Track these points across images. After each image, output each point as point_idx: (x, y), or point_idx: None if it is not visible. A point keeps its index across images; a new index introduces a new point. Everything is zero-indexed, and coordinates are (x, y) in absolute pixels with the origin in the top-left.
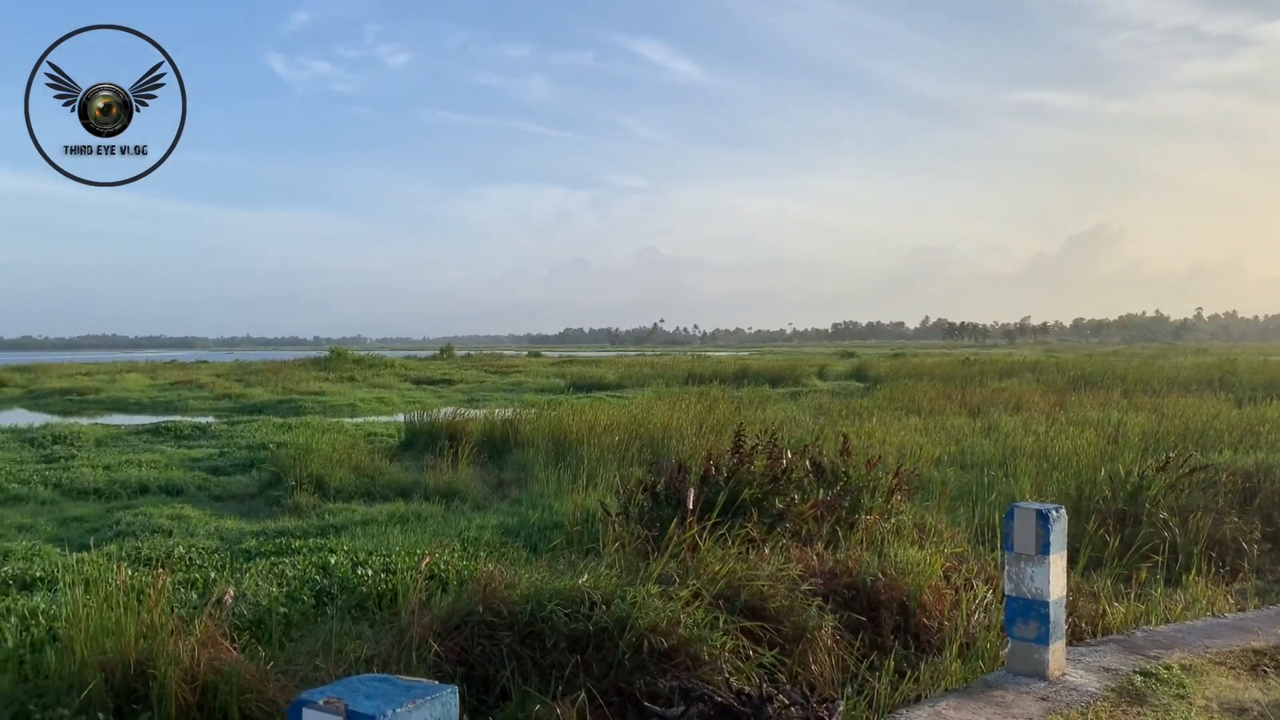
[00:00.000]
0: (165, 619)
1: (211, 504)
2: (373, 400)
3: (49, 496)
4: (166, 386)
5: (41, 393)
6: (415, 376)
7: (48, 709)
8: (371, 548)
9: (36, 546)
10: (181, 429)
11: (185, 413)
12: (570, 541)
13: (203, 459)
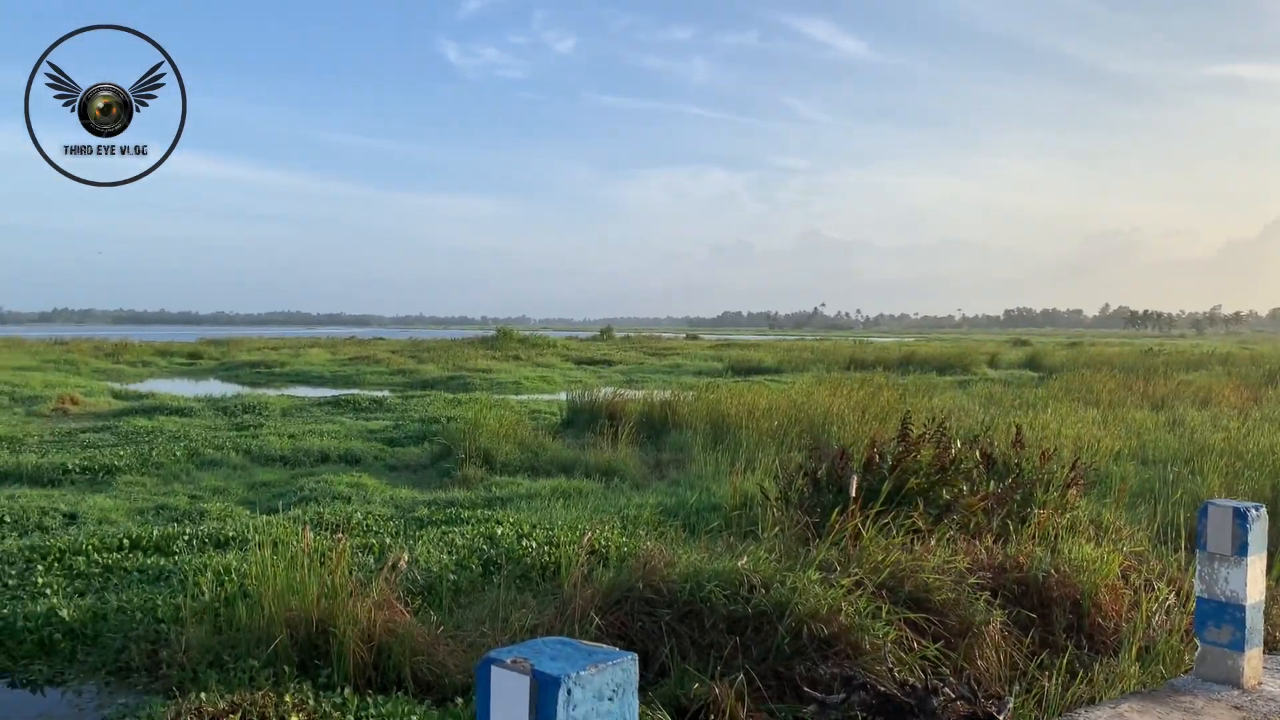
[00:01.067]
0: (345, 581)
1: (387, 473)
2: (536, 378)
3: (240, 462)
4: (346, 361)
5: (233, 365)
6: (576, 356)
7: (239, 659)
8: (535, 521)
9: (229, 508)
10: (359, 402)
11: (363, 386)
12: (728, 524)
13: (379, 430)
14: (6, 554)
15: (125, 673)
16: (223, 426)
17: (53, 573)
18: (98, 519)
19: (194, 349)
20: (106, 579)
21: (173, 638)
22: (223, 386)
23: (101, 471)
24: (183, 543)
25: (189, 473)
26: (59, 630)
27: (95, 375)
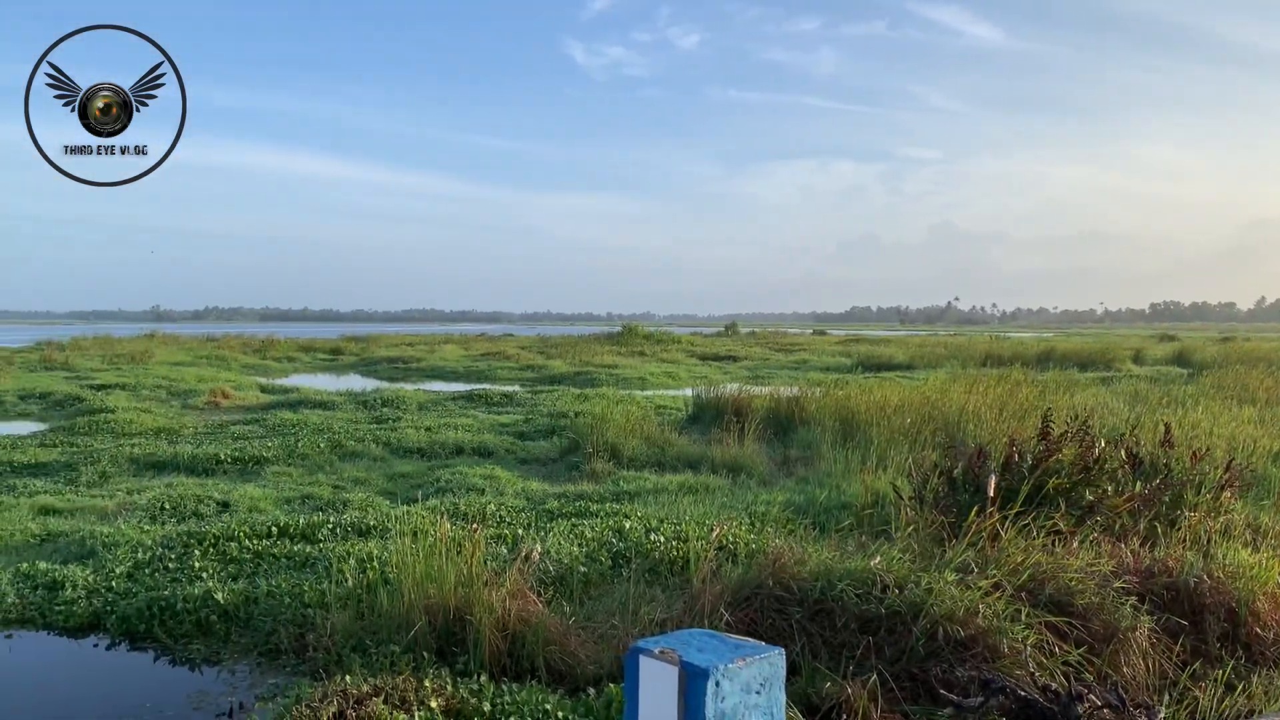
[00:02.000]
0: (480, 570)
1: (518, 466)
2: (661, 374)
3: (379, 454)
4: (478, 357)
5: (372, 360)
6: (701, 352)
7: (381, 644)
8: (663, 515)
9: (370, 498)
10: (491, 396)
11: (494, 381)
12: (859, 523)
13: (510, 424)
14: (167, 539)
15: (275, 654)
16: (363, 420)
17: (208, 558)
18: (248, 507)
19: (335, 345)
20: (257, 564)
21: (318, 622)
22: (362, 381)
23: (251, 462)
24: (327, 531)
25: (332, 464)
26: (214, 612)
27: (244, 370)
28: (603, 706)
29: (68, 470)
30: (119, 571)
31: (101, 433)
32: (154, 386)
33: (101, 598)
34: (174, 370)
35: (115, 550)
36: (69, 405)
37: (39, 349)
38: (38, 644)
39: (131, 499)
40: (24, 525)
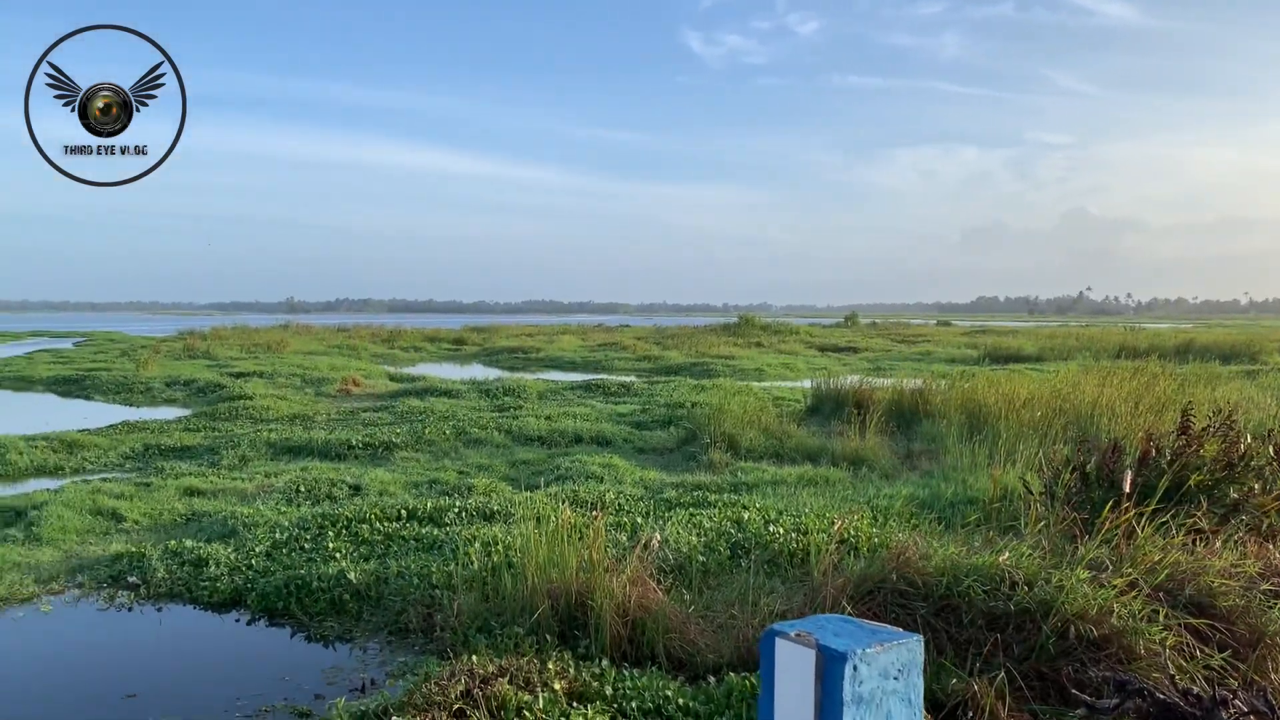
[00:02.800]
0: (601, 557)
1: (635, 455)
2: (779, 365)
3: (502, 441)
4: (595, 347)
5: (494, 350)
6: (820, 343)
7: (505, 626)
8: (782, 507)
9: (493, 484)
10: (608, 386)
11: (611, 371)
12: (987, 518)
13: (627, 414)
14: (302, 520)
15: (404, 633)
16: (486, 408)
17: (341, 538)
18: (378, 491)
19: (459, 335)
20: (387, 546)
21: (445, 603)
22: (485, 370)
23: (381, 447)
24: (453, 515)
25: (457, 450)
26: (347, 591)
27: (373, 359)
28: (723, 695)
29: (210, 453)
30: (258, 550)
31: (241, 418)
32: (289, 374)
33: (242, 575)
34: (307, 359)
35: (255, 530)
36: (210, 392)
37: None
38: (184, 617)
39: (269, 481)
40: (172, 505)
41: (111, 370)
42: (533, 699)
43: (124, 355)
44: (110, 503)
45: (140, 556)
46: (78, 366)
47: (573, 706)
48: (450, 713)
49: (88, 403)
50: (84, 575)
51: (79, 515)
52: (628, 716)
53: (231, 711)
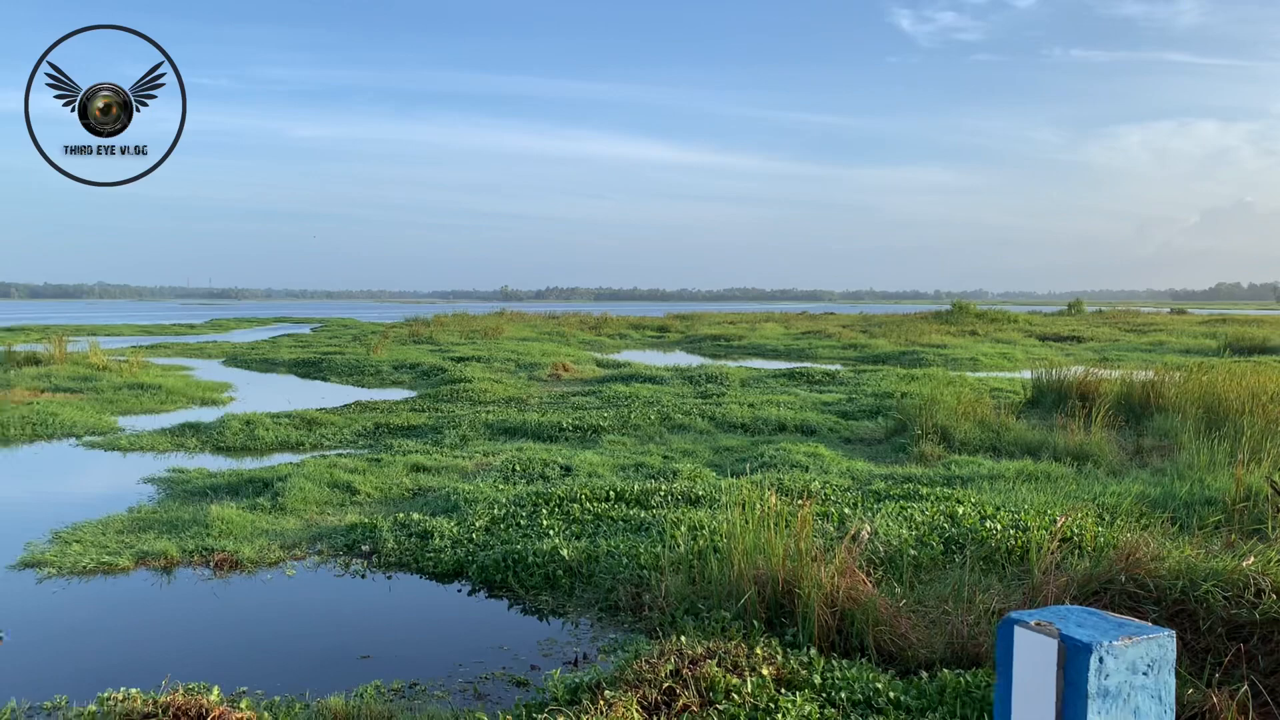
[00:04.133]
0: (809, 546)
1: (841, 445)
2: (995, 355)
3: (705, 427)
4: (798, 335)
5: (696, 338)
6: (1040, 332)
7: (712, 609)
8: (999, 502)
9: (698, 469)
10: (813, 374)
11: (815, 360)
12: (1228, 520)
13: (832, 403)
14: (518, 498)
15: (614, 611)
16: (689, 394)
17: (554, 516)
18: (588, 472)
19: (662, 323)
20: (597, 525)
21: (653, 584)
22: (688, 357)
23: (589, 430)
24: (659, 498)
25: (661, 435)
26: (560, 567)
27: (581, 345)
28: (935, 691)
29: (434, 432)
30: (478, 525)
31: (461, 400)
32: (504, 359)
33: (464, 548)
34: (520, 345)
35: (474, 506)
36: (433, 375)
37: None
38: (411, 586)
39: (487, 460)
40: (400, 480)
41: (345, 354)
42: (741, 682)
43: (356, 340)
44: (345, 476)
45: (372, 528)
46: (315, 350)
47: (780, 692)
48: (660, 690)
49: (324, 384)
50: (323, 543)
51: (318, 487)
52: (836, 706)
53: (454, 677)
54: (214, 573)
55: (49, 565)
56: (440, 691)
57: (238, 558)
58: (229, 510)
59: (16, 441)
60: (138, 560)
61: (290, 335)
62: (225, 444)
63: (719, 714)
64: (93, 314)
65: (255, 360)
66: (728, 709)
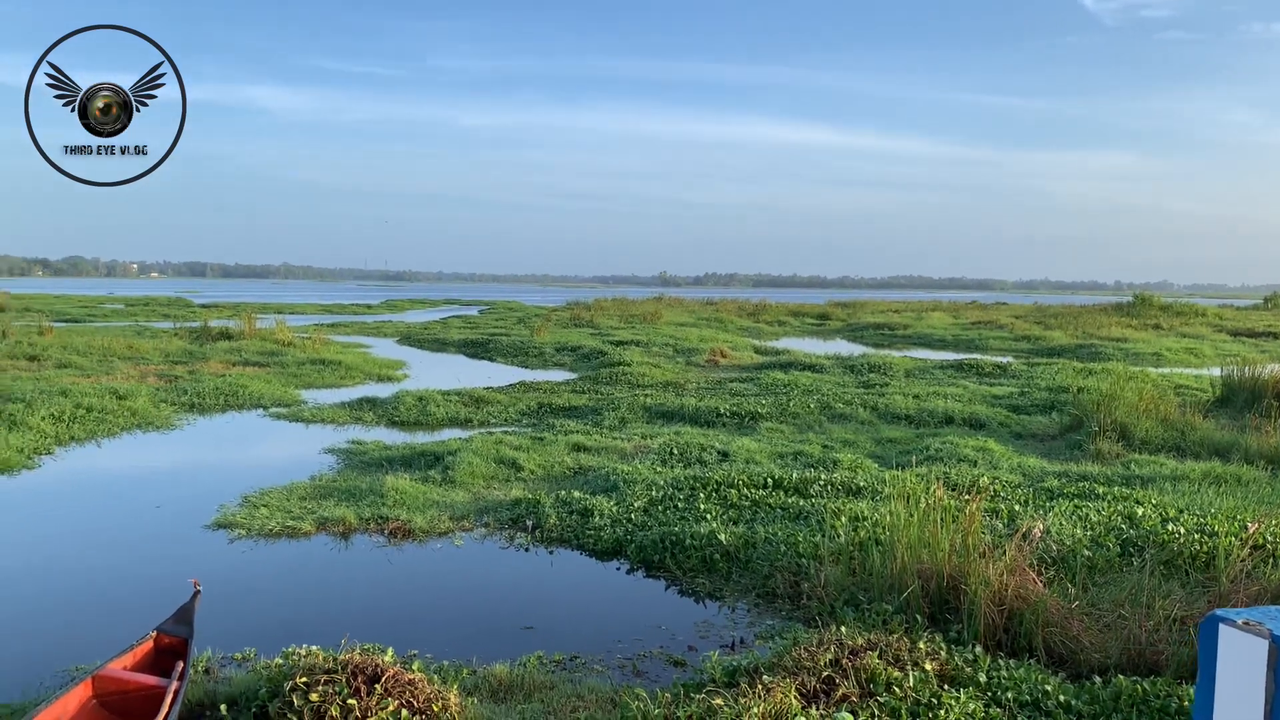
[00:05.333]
0: (977, 542)
1: (1012, 440)
2: (1180, 350)
3: (867, 418)
4: (968, 325)
5: (858, 326)
6: (1231, 327)
7: (873, 601)
8: (1183, 505)
9: (859, 460)
10: (982, 366)
11: (985, 351)
12: None
13: (1003, 396)
14: (675, 481)
15: (771, 597)
16: (850, 383)
17: (711, 501)
18: (745, 459)
19: (822, 310)
20: (754, 512)
21: (811, 573)
22: (849, 346)
23: (747, 417)
24: (818, 487)
25: (821, 424)
26: (717, 551)
27: (739, 332)
28: (1110, 697)
29: (594, 414)
30: (637, 506)
31: (620, 383)
32: (662, 344)
33: (623, 527)
34: (678, 330)
35: (633, 487)
36: (594, 358)
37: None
38: (572, 561)
39: (645, 443)
40: (561, 459)
41: (510, 336)
42: (902, 676)
43: (520, 323)
44: (510, 453)
45: (535, 503)
46: (482, 331)
47: (944, 689)
48: (819, 679)
49: (490, 364)
50: (489, 516)
51: (485, 462)
52: (1002, 706)
53: (613, 653)
54: (388, 540)
55: (239, 527)
56: (600, 666)
57: (410, 527)
58: (403, 481)
59: (211, 411)
60: (319, 525)
61: (459, 317)
62: (399, 419)
63: (879, 706)
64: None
65: (427, 340)
66: (888, 702)
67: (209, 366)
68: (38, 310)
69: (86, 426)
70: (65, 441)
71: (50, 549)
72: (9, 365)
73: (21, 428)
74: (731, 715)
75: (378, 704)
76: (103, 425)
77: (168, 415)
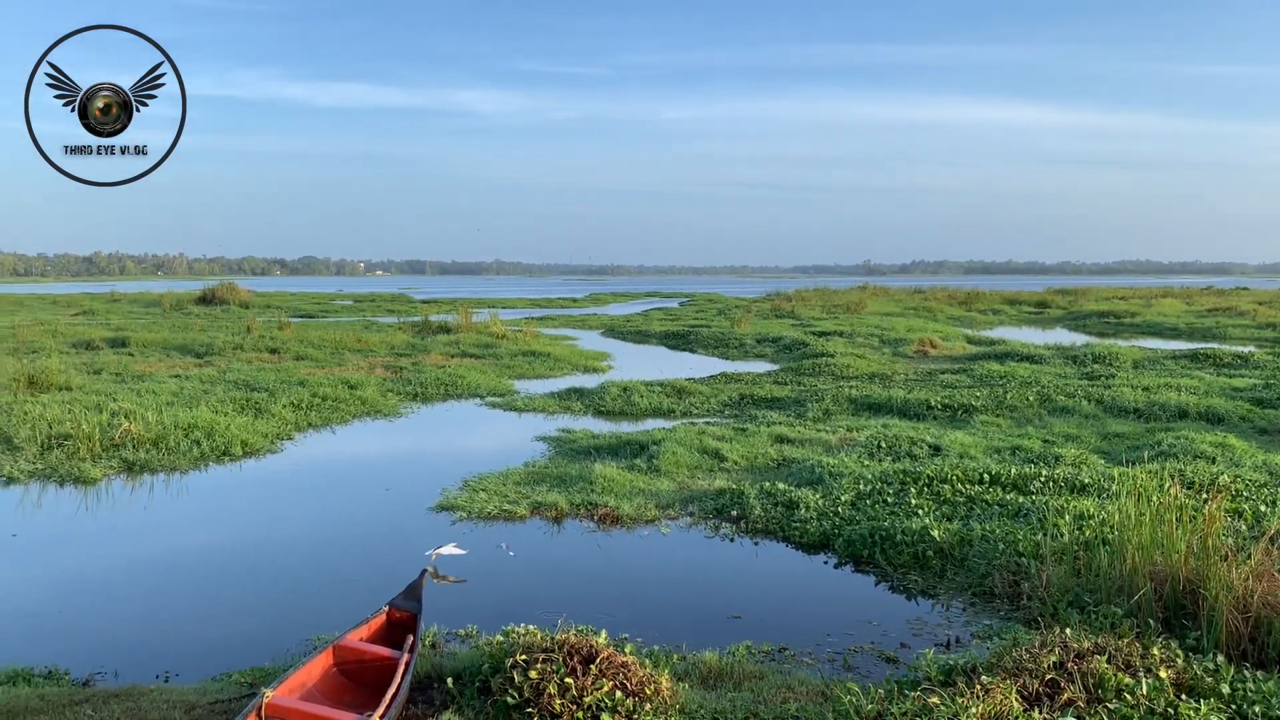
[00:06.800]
0: (1218, 544)
1: (1256, 436)
2: None
3: (1091, 411)
4: (1203, 313)
5: (1080, 314)
6: None
7: (1099, 604)
8: None
9: (1083, 455)
10: (1221, 356)
11: (1223, 340)
12: None
13: (1245, 389)
14: (885, 474)
15: (988, 596)
16: (1072, 375)
17: (923, 496)
18: (958, 453)
19: (1041, 298)
20: (970, 508)
21: (1032, 572)
22: (1070, 335)
23: (959, 410)
24: (1039, 483)
25: (1041, 417)
26: (930, 548)
27: (950, 321)
28: None
29: (796, 405)
30: (843, 499)
31: (823, 374)
32: (867, 334)
33: (829, 521)
34: (884, 320)
35: (840, 480)
36: (795, 349)
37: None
38: (777, 553)
39: (851, 435)
40: (765, 450)
41: (710, 327)
42: (1134, 683)
43: (720, 314)
44: (713, 444)
45: (740, 494)
46: (683, 323)
47: (1180, 698)
48: (1042, 682)
49: (691, 355)
50: (693, 505)
51: (689, 452)
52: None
53: (822, 646)
54: (597, 526)
55: (460, 509)
56: (809, 659)
57: (618, 513)
58: (610, 469)
59: (433, 400)
60: (532, 510)
61: (660, 309)
62: (605, 408)
63: (1108, 713)
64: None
65: (629, 332)
66: (1119, 709)
67: (430, 358)
68: (277, 307)
69: (322, 414)
70: (303, 428)
71: (292, 527)
72: (254, 358)
73: (266, 415)
74: (948, 714)
75: (593, 684)
76: (336, 413)
77: (394, 404)
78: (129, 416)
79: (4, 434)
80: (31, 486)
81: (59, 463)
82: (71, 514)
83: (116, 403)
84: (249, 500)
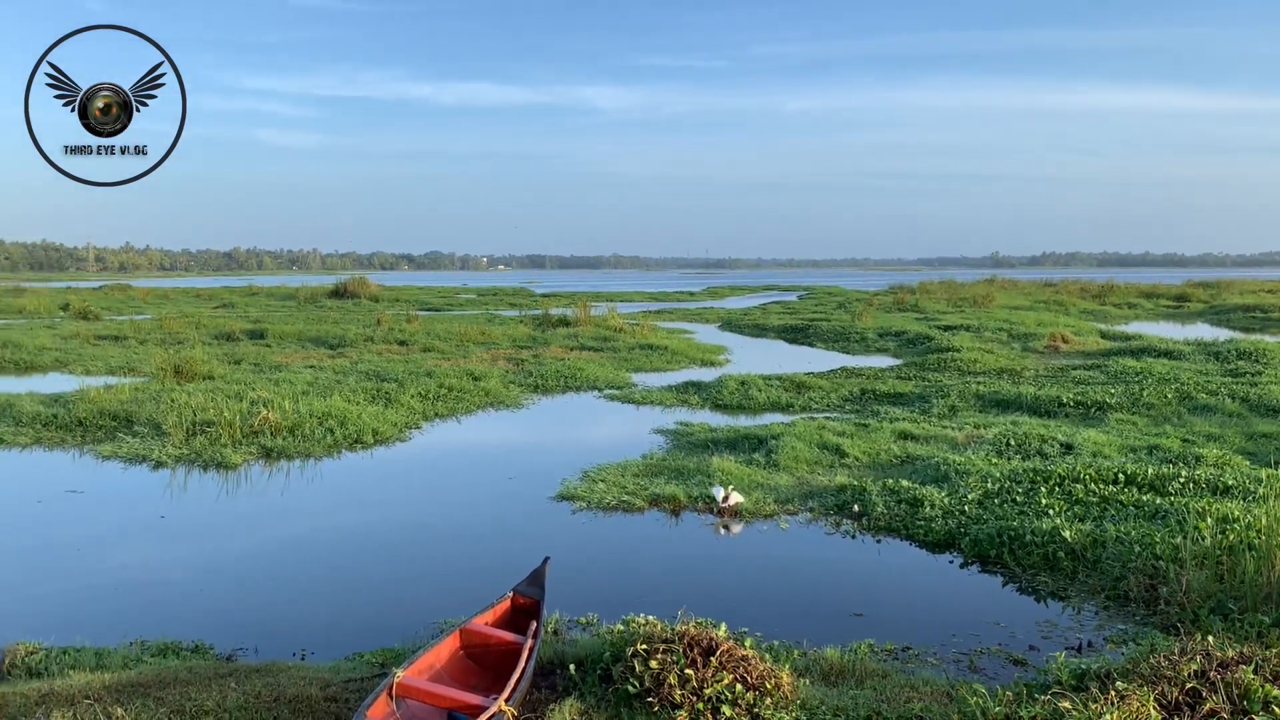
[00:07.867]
0: None
1: None
2: None
3: (1235, 409)
4: None
5: (1223, 308)
6: None
7: (1244, 611)
8: None
9: (1226, 455)
10: None
11: None
12: None
13: None
14: (1013, 473)
15: (1123, 600)
16: (1214, 372)
17: (1054, 495)
18: (1091, 451)
19: (1180, 291)
20: (1103, 509)
21: (1170, 576)
22: (1212, 330)
23: (1093, 407)
24: (1178, 485)
25: (1180, 416)
26: (1061, 549)
27: (1082, 315)
28: None
29: (920, 401)
30: (970, 498)
31: (948, 369)
32: (994, 329)
33: (955, 519)
34: (1013, 314)
35: (966, 478)
36: (919, 343)
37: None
38: (900, 551)
39: (978, 432)
40: (887, 446)
41: (830, 321)
42: None
43: (840, 308)
44: (833, 439)
45: (861, 490)
46: (801, 317)
47: None
48: (1182, 690)
49: (810, 349)
50: (813, 501)
51: (808, 447)
52: None
53: (947, 646)
54: (716, 519)
55: (580, 500)
56: (933, 659)
57: (737, 507)
58: (728, 463)
59: (553, 391)
60: (650, 502)
61: (778, 303)
62: (722, 402)
63: None
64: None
65: (747, 325)
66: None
67: (550, 351)
68: (405, 300)
69: (448, 404)
70: (430, 417)
71: (419, 513)
72: (384, 350)
73: (395, 404)
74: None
75: (713, 676)
76: (461, 403)
77: (516, 395)
78: (267, 405)
79: (153, 420)
80: (178, 471)
81: (202, 448)
82: (214, 497)
83: (255, 392)
84: (379, 487)
